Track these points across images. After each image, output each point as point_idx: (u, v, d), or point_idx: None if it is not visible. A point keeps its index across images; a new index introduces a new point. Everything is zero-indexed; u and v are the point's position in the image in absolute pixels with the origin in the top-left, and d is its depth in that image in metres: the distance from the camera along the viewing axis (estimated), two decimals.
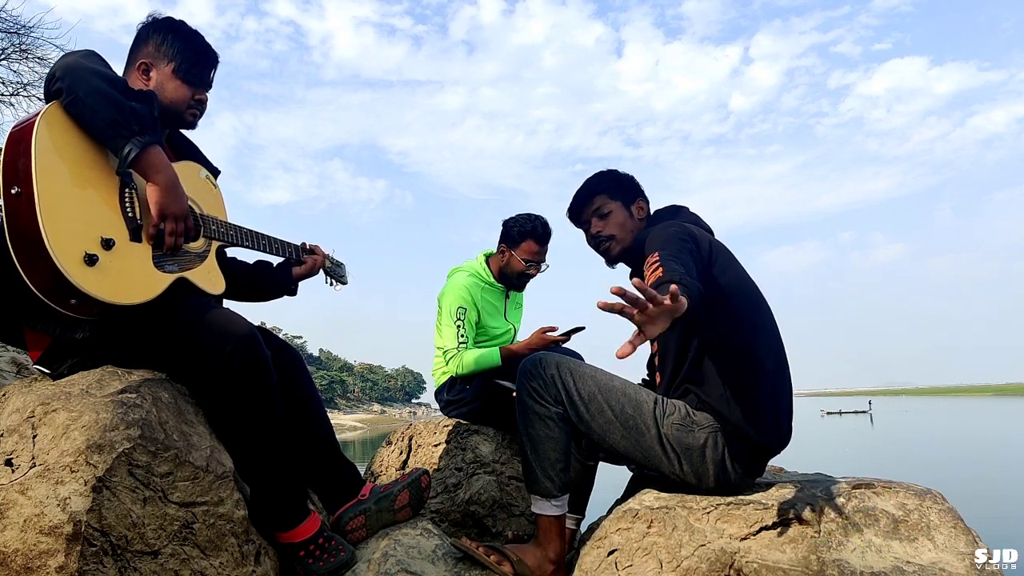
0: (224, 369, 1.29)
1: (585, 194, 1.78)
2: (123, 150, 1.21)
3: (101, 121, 1.20)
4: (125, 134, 1.22)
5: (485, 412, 2.45)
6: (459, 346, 2.37)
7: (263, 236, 1.65)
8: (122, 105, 1.22)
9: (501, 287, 2.58)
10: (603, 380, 1.53)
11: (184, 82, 1.50)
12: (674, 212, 1.72)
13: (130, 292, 1.23)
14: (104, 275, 1.18)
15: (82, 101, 1.19)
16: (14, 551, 1.03)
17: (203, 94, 1.55)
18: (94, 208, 1.22)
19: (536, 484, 1.53)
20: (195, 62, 1.51)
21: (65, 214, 1.15)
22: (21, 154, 1.14)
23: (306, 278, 1.81)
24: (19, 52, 8.52)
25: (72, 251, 1.13)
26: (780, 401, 1.47)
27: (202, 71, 1.53)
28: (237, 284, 1.64)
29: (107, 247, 1.20)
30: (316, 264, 1.80)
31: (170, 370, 1.36)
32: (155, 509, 1.16)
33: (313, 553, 1.41)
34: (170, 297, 1.32)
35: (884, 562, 1.21)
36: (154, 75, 1.48)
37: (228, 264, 1.65)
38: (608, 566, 1.39)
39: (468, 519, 2.26)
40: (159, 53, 1.48)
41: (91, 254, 1.16)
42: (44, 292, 1.14)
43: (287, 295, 1.79)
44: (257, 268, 1.75)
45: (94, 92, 1.20)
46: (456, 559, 1.54)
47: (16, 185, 1.12)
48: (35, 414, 1.17)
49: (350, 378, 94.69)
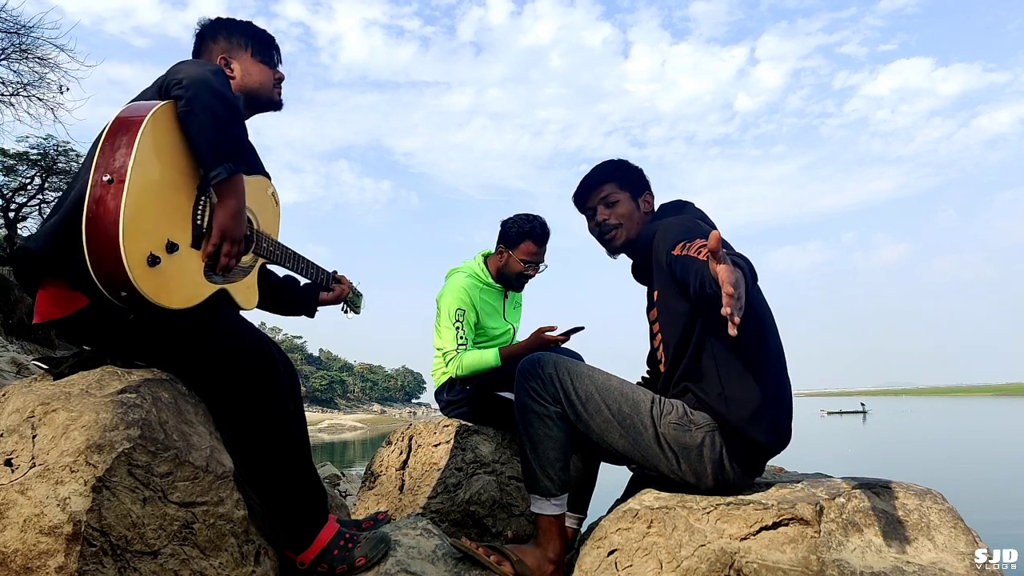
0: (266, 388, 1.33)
1: (594, 180, 1.77)
2: (213, 171, 1.27)
3: (206, 140, 1.26)
4: (221, 158, 1.27)
5: (485, 413, 2.45)
6: (458, 347, 2.37)
7: (304, 259, 1.71)
8: (229, 130, 1.28)
9: (499, 287, 2.58)
10: (601, 380, 1.53)
11: (265, 64, 1.60)
12: (680, 207, 1.70)
13: (176, 297, 1.25)
14: (160, 277, 1.20)
15: (196, 116, 1.24)
16: (14, 551, 1.03)
17: (280, 73, 1.65)
18: (170, 210, 1.25)
19: (535, 483, 1.53)
20: (267, 44, 1.62)
21: (145, 213, 1.18)
22: (123, 145, 1.16)
23: (330, 304, 1.87)
24: (19, 52, 8.53)
25: (140, 250, 1.16)
26: (780, 402, 1.47)
27: (273, 51, 1.64)
28: (263, 294, 1.65)
29: (170, 251, 1.23)
30: (342, 294, 1.86)
31: (195, 376, 1.38)
32: (155, 509, 1.16)
33: (346, 547, 1.43)
34: (211, 306, 1.34)
35: (884, 562, 1.21)
36: (236, 65, 1.56)
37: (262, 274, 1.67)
38: (608, 566, 1.39)
39: (468, 519, 2.26)
40: (233, 45, 1.57)
41: (155, 255, 1.18)
42: (101, 280, 1.16)
43: (306, 316, 1.83)
44: (286, 284, 1.78)
45: (208, 111, 1.24)
46: (456, 559, 1.54)
47: (110, 173, 1.14)
48: (35, 414, 1.16)
49: (350, 378, 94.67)
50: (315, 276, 1.77)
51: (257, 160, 1.66)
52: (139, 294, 1.17)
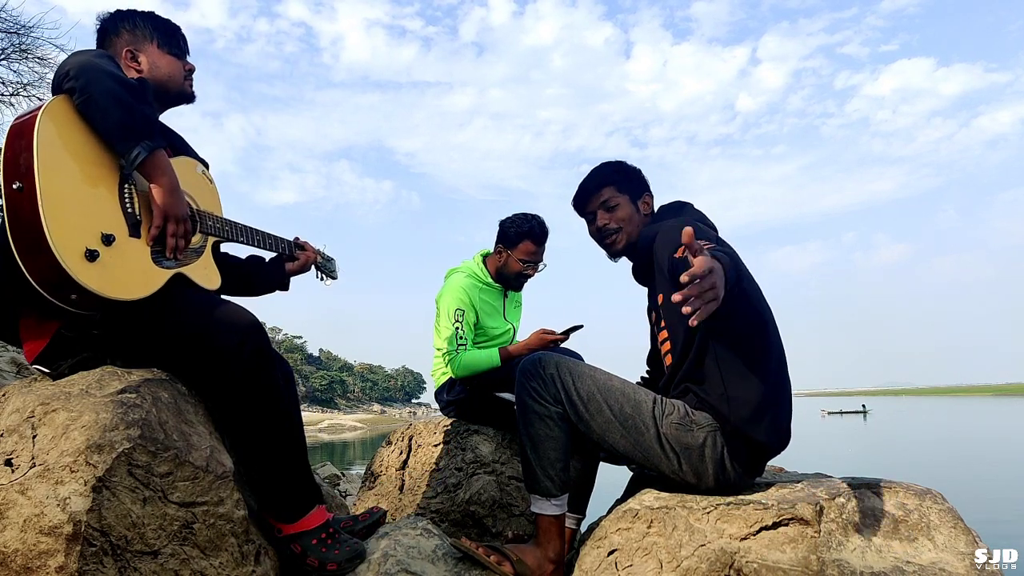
0: (234, 358, 1.30)
1: (593, 184, 1.76)
2: (131, 153, 1.23)
3: (113, 123, 1.22)
4: (134, 137, 1.24)
5: (485, 413, 2.45)
6: (458, 348, 2.37)
7: (257, 232, 1.67)
8: (133, 109, 1.24)
9: (499, 287, 2.58)
10: (602, 380, 1.53)
11: (172, 55, 1.54)
12: (679, 209, 1.70)
13: (129, 287, 1.24)
14: (104, 270, 1.18)
15: (95, 102, 1.20)
16: (14, 551, 1.03)
17: (190, 64, 1.60)
18: (94, 203, 1.22)
19: (536, 484, 1.53)
20: (172, 34, 1.56)
21: (66, 209, 1.15)
22: (23, 149, 1.14)
23: (299, 274, 1.85)
24: (19, 52, 8.53)
25: (73, 246, 1.14)
26: (780, 402, 1.47)
27: (180, 41, 1.58)
28: (230, 278, 1.64)
29: (107, 243, 1.21)
30: (308, 260, 1.85)
31: (176, 365, 1.37)
32: (155, 509, 1.16)
33: (326, 542, 1.42)
34: (173, 292, 1.33)
35: (884, 562, 1.21)
36: (143, 58, 1.50)
37: (221, 259, 1.65)
38: (608, 566, 1.39)
39: (468, 519, 2.26)
40: (137, 37, 1.51)
41: (92, 249, 1.16)
42: (45, 287, 1.14)
43: (279, 290, 1.81)
44: (250, 263, 1.77)
45: (107, 94, 1.21)
46: (456, 559, 1.54)
47: (17, 180, 1.12)
48: (35, 414, 1.16)
49: (350, 378, 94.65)
50: (275, 246, 1.74)
51: (182, 143, 1.62)
52: (88, 291, 1.15)
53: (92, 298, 1.17)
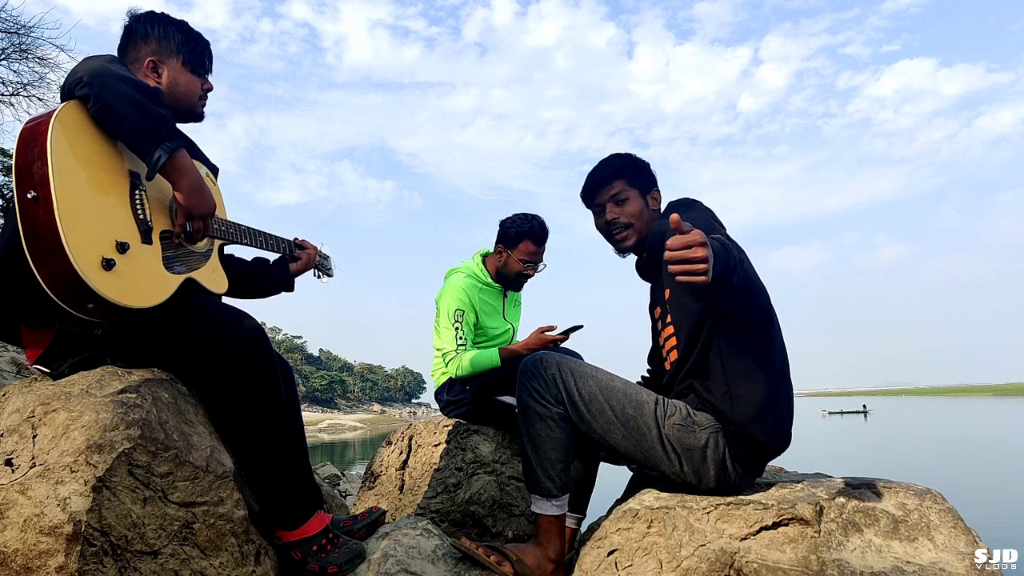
0: (235, 360, 1.31)
1: (604, 176, 1.71)
2: (152, 156, 1.22)
3: (131, 127, 1.21)
4: (154, 140, 1.23)
5: (485, 413, 2.45)
6: (458, 348, 2.37)
7: (260, 233, 1.68)
8: (150, 111, 1.22)
9: (499, 287, 2.58)
10: (604, 380, 1.53)
11: (195, 74, 1.51)
12: (688, 205, 1.65)
13: (144, 295, 1.24)
14: (121, 279, 1.18)
15: (111, 107, 1.19)
16: (14, 551, 1.03)
17: (209, 83, 1.57)
18: (108, 211, 1.22)
19: (536, 484, 1.53)
20: (199, 52, 1.52)
21: (82, 218, 1.14)
22: (36, 157, 1.12)
23: (302, 273, 1.85)
24: (19, 52, 8.53)
25: (91, 256, 1.13)
26: (782, 403, 1.47)
27: (205, 60, 1.55)
28: (236, 282, 1.65)
29: (122, 251, 1.20)
30: (310, 259, 1.85)
31: (179, 367, 1.37)
32: (155, 509, 1.16)
33: (325, 547, 1.42)
34: (173, 295, 1.33)
35: (884, 562, 1.21)
36: (165, 71, 1.47)
37: (227, 261, 1.66)
38: (608, 566, 1.39)
39: (468, 519, 2.26)
40: (164, 48, 1.46)
41: (108, 259, 1.16)
42: (62, 296, 1.13)
43: (285, 291, 1.82)
44: (255, 265, 1.77)
45: (123, 98, 1.19)
46: (456, 559, 1.54)
47: (32, 189, 1.10)
48: (35, 414, 1.16)
49: (350, 378, 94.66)
50: (276, 247, 1.75)
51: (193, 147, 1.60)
52: (106, 301, 1.14)
53: (109, 307, 1.17)
